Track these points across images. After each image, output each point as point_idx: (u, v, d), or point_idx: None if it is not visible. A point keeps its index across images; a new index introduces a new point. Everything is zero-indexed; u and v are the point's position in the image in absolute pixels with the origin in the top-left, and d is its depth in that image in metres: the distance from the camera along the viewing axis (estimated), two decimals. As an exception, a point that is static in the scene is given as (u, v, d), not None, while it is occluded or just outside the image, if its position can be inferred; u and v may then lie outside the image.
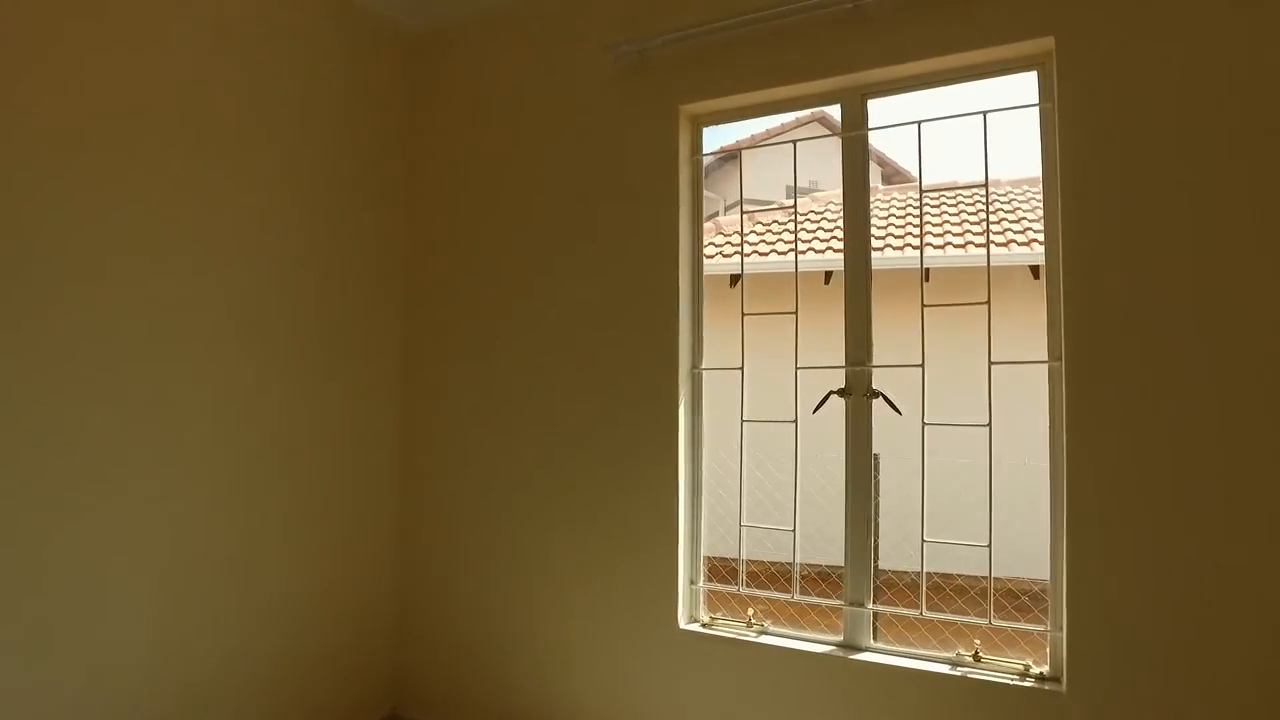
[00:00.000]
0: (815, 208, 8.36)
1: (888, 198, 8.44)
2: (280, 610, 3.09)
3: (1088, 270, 2.35)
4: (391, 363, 3.63)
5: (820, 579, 5.92)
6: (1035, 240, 6.21)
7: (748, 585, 2.98)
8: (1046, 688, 2.40)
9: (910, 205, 8.10)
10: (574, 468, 3.17)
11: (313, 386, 3.24)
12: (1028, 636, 3.82)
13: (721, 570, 4.44)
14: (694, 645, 2.92)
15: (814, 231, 7.78)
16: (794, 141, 2.94)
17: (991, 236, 2.89)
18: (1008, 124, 2.79)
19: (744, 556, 3.04)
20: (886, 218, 7.78)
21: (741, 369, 3.01)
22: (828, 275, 6.33)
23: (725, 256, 7.70)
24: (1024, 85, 2.58)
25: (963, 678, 2.50)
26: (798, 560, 2.93)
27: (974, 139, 2.64)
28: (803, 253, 7.52)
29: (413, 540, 3.59)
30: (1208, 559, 2.17)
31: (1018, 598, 4.79)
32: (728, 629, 2.93)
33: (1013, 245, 6.42)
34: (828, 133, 2.60)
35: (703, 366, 3.06)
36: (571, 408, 3.20)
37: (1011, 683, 2.44)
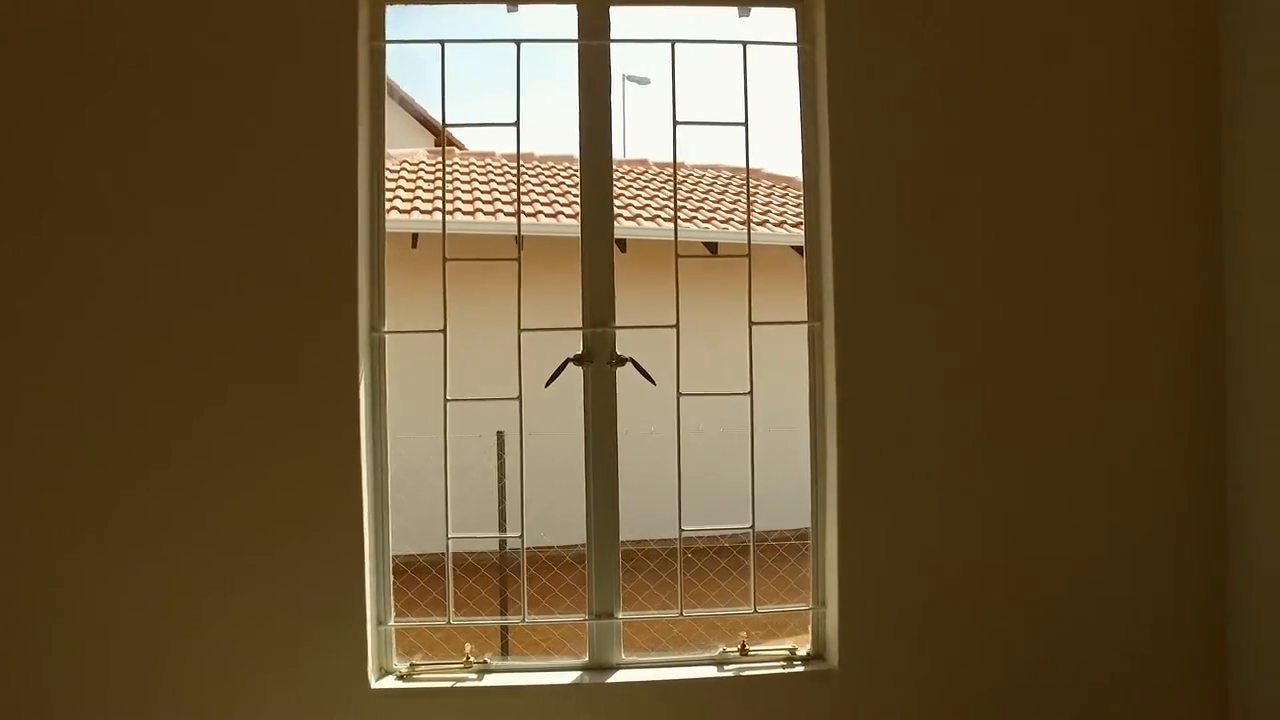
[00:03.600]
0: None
1: (480, 162, 7.95)
2: None
3: (855, 221, 2.22)
4: None
5: (557, 562, 5.33)
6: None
7: (465, 590, 2.27)
8: (815, 668, 2.25)
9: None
10: (198, 472, 2.09)
11: None
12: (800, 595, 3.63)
13: (409, 574, 3.57)
14: (392, 708, 2.14)
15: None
16: (517, 42, 2.30)
17: (746, 174, 2.62)
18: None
19: (451, 577, 2.33)
20: (473, 184, 7.30)
21: (444, 331, 2.29)
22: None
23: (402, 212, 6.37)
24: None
25: (732, 677, 2.23)
26: (525, 577, 2.34)
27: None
28: (489, 213, 6.70)
29: None
30: (978, 517, 2.23)
31: (789, 557, 4.87)
32: (437, 676, 2.21)
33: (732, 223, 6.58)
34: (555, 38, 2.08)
35: (385, 330, 2.26)
36: (196, 390, 2.10)
37: (781, 671, 2.25)
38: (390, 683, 2.17)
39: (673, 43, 2.32)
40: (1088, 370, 2.26)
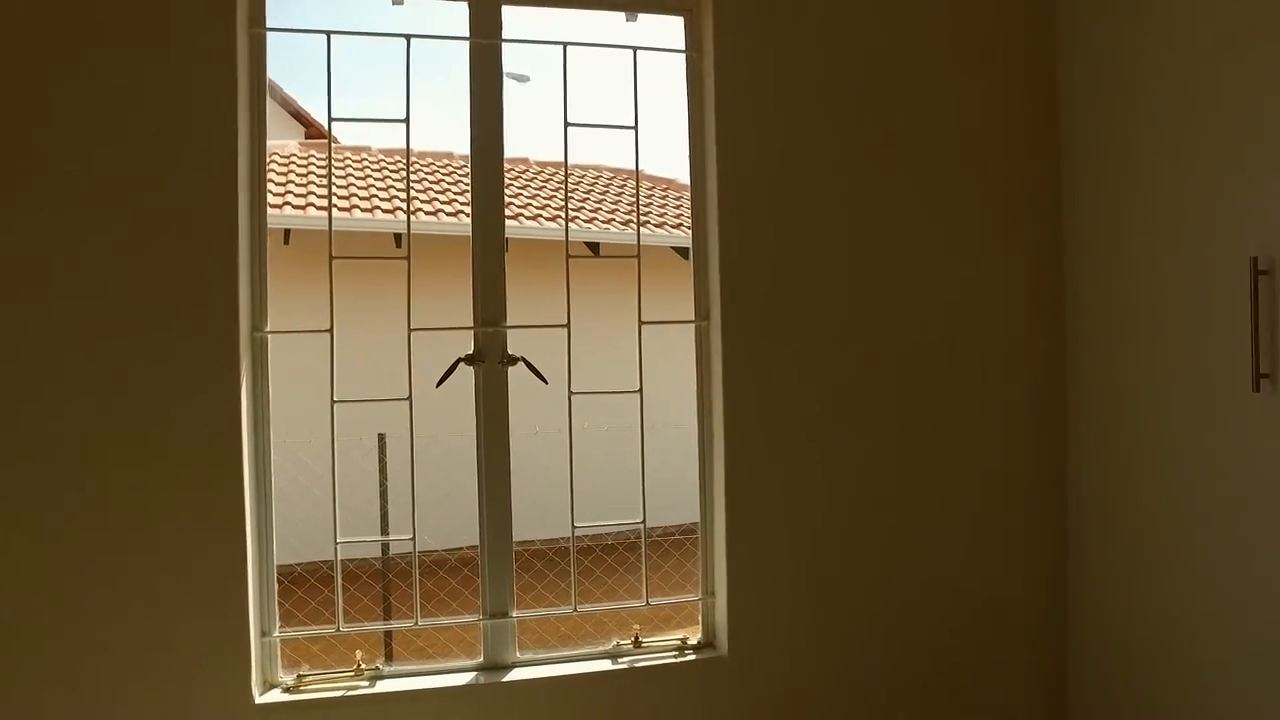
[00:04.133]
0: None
1: (356, 156, 7.64)
2: None
3: (740, 224, 2.32)
4: None
5: (441, 565, 5.17)
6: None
7: (345, 598, 2.25)
8: (706, 656, 2.34)
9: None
10: (69, 478, 1.94)
11: None
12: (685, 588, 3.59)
13: (284, 584, 3.43)
14: (279, 721, 2.07)
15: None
16: (408, 37, 2.25)
17: (636, 185, 2.67)
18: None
19: (340, 582, 2.26)
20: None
21: (330, 331, 2.23)
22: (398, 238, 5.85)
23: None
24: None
25: (627, 669, 2.28)
26: (417, 578, 2.29)
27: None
28: (366, 209, 6.46)
29: None
30: (857, 509, 2.38)
31: (673, 552, 4.95)
32: (326, 686, 2.14)
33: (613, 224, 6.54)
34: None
35: (268, 330, 2.17)
36: (69, 394, 1.95)
37: (674, 661, 2.32)
38: (276, 696, 2.09)
39: (564, 45, 2.35)
40: (953, 367, 2.45)
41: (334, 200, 6.87)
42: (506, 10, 2.29)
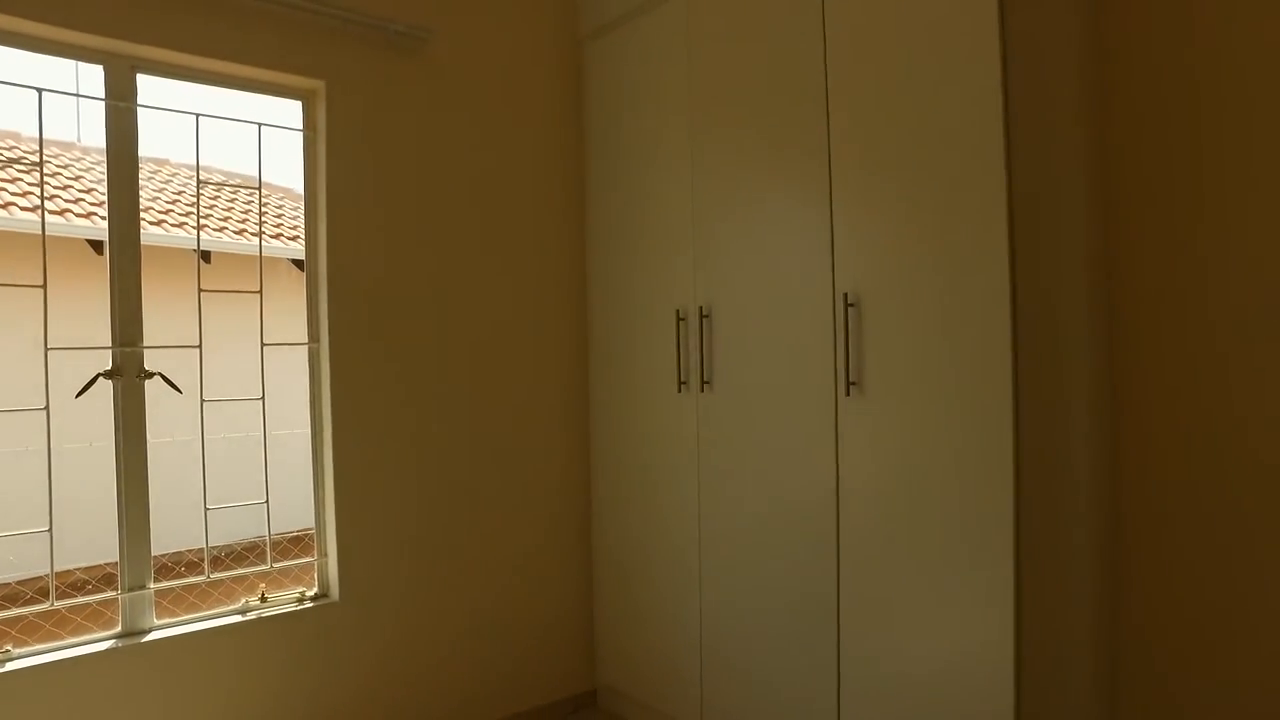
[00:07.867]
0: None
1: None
2: None
3: (345, 270, 3.00)
4: None
5: (104, 583, 4.74)
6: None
7: None
8: (322, 604, 2.97)
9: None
10: None
11: None
12: (306, 570, 3.48)
13: None
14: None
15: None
16: (40, 90, 2.57)
17: (259, 231, 3.18)
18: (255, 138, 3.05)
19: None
20: None
21: (-39, 352, 2.49)
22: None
23: None
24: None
25: (254, 620, 2.83)
26: (53, 564, 2.60)
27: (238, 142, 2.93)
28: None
29: None
30: (438, 488, 3.18)
31: (293, 548, 5.23)
32: (-54, 677, 2.38)
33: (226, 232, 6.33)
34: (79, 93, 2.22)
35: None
36: None
37: (294, 609, 2.92)
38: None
39: (197, 116, 2.82)
40: (512, 385, 3.40)
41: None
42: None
